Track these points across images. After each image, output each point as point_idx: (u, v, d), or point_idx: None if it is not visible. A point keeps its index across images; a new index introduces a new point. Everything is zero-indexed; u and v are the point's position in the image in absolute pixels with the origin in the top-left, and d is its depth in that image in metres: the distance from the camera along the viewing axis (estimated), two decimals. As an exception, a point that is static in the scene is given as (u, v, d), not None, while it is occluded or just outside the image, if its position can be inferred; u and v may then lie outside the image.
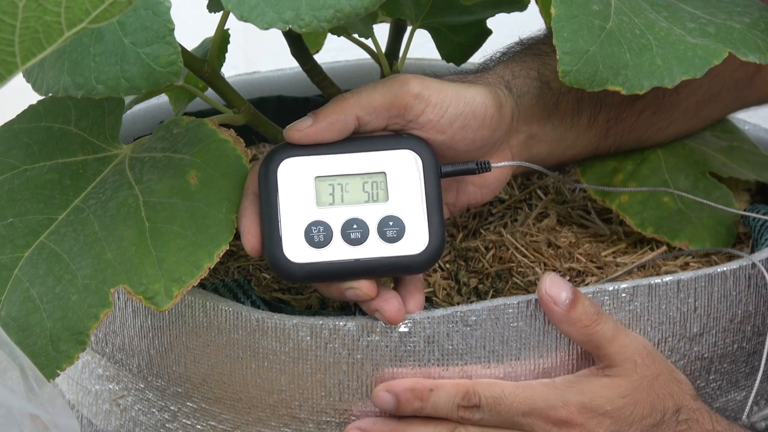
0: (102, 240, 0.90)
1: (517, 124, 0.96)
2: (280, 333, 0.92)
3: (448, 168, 0.92)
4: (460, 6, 1.06)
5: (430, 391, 0.90)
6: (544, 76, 0.97)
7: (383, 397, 0.90)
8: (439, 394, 0.90)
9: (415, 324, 0.91)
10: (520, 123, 0.96)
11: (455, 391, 0.90)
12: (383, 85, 0.91)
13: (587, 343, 0.91)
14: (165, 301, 0.88)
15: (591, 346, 0.91)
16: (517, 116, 0.96)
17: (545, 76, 0.97)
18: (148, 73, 0.87)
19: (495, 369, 0.92)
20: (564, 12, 0.90)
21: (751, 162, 1.11)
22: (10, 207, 0.93)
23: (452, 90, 0.92)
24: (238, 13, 0.85)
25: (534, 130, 0.98)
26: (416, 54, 1.21)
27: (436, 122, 0.92)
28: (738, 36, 0.94)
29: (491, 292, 1.01)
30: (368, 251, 0.89)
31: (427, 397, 0.90)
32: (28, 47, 0.77)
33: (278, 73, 1.27)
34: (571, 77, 0.90)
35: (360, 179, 0.90)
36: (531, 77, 0.97)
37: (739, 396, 1.00)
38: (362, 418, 0.92)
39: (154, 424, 1.00)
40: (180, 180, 0.91)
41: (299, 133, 0.90)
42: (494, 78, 0.96)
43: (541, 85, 0.97)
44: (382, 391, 0.90)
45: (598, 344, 0.91)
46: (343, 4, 0.84)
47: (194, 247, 0.89)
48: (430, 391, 0.90)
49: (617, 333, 0.91)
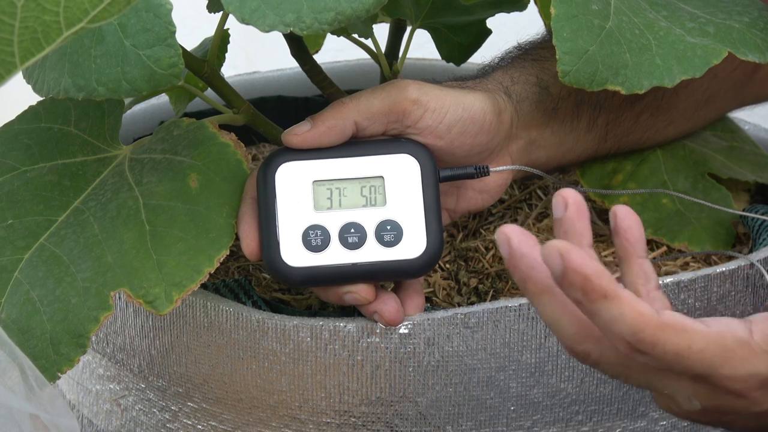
0: (102, 242, 0.90)
1: (516, 130, 0.96)
2: (280, 334, 0.92)
3: (446, 172, 0.92)
4: (460, 6, 1.05)
5: (604, 298, 0.71)
6: (543, 82, 0.97)
7: (554, 258, 0.71)
8: (610, 309, 0.71)
9: (415, 326, 0.91)
10: (519, 129, 0.96)
11: (631, 321, 0.71)
12: (382, 91, 0.91)
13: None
14: (165, 306, 0.88)
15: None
16: (516, 122, 0.96)
17: (544, 82, 0.97)
18: (149, 75, 0.87)
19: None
20: (564, 12, 0.90)
21: (751, 162, 1.11)
22: (10, 208, 0.93)
23: (451, 96, 0.92)
24: (239, 15, 0.85)
25: (533, 136, 0.98)
26: (416, 54, 1.21)
27: (434, 128, 0.92)
28: (737, 35, 0.93)
29: (491, 292, 1.01)
30: (366, 255, 0.89)
31: (595, 300, 0.71)
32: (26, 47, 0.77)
33: (278, 73, 1.27)
34: (571, 77, 0.90)
35: (358, 183, 0.90)
36: (530, 83, 0.97)
37: (739, 395, 1.01)
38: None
39: (154, 424, 1.00)
40: (180, 183, 0.91)
41: (297, 137, 0.90)
42: (493, 84, 0.96)
43: (540, 90, 0.97)
44: (556, 253, 0.71)
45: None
46: (344, 6, 0.84)
47: (194, 251, 0.89)
48: (604, 297, 0.71)
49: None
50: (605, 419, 0.96)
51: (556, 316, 0.74)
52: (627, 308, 0.71)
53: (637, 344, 0.71)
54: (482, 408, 0.94)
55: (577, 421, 0.96)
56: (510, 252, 0.72)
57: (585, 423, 0.96)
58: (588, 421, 0.96)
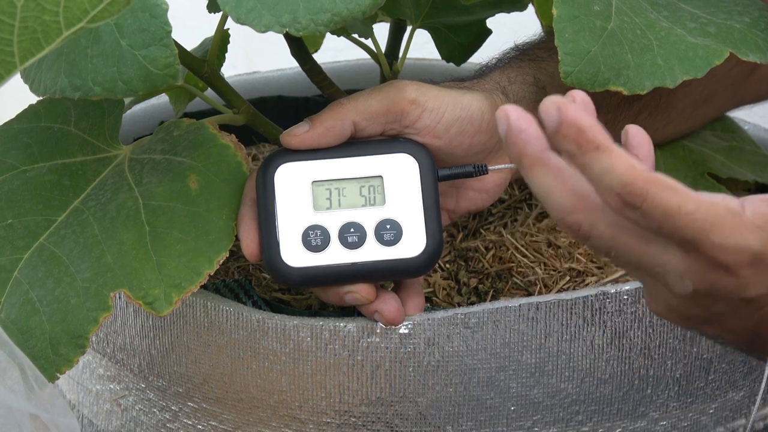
0: (102, 243, 0.90)
1: None
2: (280, 334, 0.92)
3: (445, 171, 0.92)
4: (460, 6, 1.05)
5: (596, 149, 0.71)
6: (540, 82, 0.97)
7: (550, 112, 0.71)
8: (602, 161, 0.71)
9: (416, 326, 0.91)
10: None
11: (622, 172, 0.71)
12: (380, 91, 0.91)
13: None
14: (164, 307, 0.88)
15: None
16: None
17: (541, 81, 0.97)
18: (145, 76, 0.87)
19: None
20: (565, 13, 0.90)
21: (751, 162, 1.11)
22: (10, 208, 0.93)
23: (449, 96, 0.92)
24: (235, 15, 0.85)
25: None
26: (416, 54, 1.21)
27: (432, 128, 0.92)
28: (738, 36, 0.93)
29: (491, 292, 1.01)
30: (365, 255, 0.89)
31: (587, 152, 0.71)
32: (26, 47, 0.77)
33: (278, 73, 1.27)
34: (573, 78, 0.90)
35: (357, 183, 0.90)
36: (527, 83, 0.97)
37: (737, 396, 1.00)
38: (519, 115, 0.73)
39: (155, 424, 1.00)
40: (180, 184, 0.91)
41: (296, 138, 0.90)
42: (490, 84, 0.96)
43: (537, 90, 0.97)
44: (553, 107, 0.71)
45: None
46: (340, 7, 0.84)
47: (194, 253, 0.89)
48: (597, 149, 0.71)
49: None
50: (605, 419, 0.96)
51: (548, 188, 0.73)
52: (618, 160, 0.71)
53: (626, 196, 0.71)
54: (482, 408, 0.94)
55: (577, 421, 0.96)
56: (508, 127, 0.72)
57: (585, 423, 0.96)
58: (588, 421, 0.96)
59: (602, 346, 0.94)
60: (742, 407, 1.01)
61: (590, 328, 0.93)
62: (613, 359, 0.94)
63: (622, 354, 0.94)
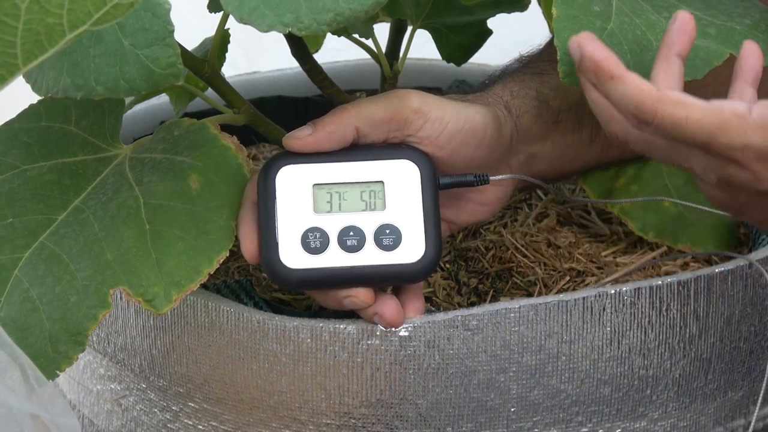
0: (102, 241, 0.90)
1: (516, 145, 0.96)
2: (281, 335, 0.92)
3: (446, 179, 0.92)
4: (460, 6, 1.06)
5: (611, 79, 0.82)
6: (542, 95, 0.97)
7: (574, 49, 0.84)
8: (617, 88, 0.82)
9: (416, 328, 0.91)
10: (519, 143, 0.96)
11: (633, 94, 0.81)
12: (384, 99, 0.91)
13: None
14: (164, 305, 0.88)
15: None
16: (516, 137, 0.95)
17: (544, 95, 0.97)
18: (147, 75, 0.87)
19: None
20: (565, 13, 0.90)
21: None
22: (10, 207, 0.93)
23: (452, 107, 0.92)
24: (238, 15, 0.85)
25: (534, 150, 0.97)
26: (416, 54, 1.21)
27: (435, 137, 0.91)
28: (739, 37, 0.93)
29: (491, 292, 1.01)
30: (364, 259, 0.89)
31: (605, 81, 0.83)
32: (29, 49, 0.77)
33: (278, 73, 1.27)
34: (572, 78, 0.90)
35: (358, 188, 0.90)
36: (529, 96, 0.97)
37: (737, 396, 1.01)
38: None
39: (155, 425, 1.00)
40: (181, 183, 0.91)
41: (298, 141, 0.90)
42: (493, 98, 0.96)
43: (539, 104, 0.96)
44: (575, 45, 0.84)
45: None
46: (342, 7, 0.84)
47: (194, 251, 0.89)
48: (611, 78, 0.82)
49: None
50: (605, 420, 0.96)
51: (594, 104, 0.85)
52: (630, 86, 0.81)
53: (639, 115, 0.81)
54: (483, 410, 0.94)
55: (577, 422, 0.96)
56: (582, 56, 0.83)
57: (585, 424, 0.96)
58: (588, 422, 0.96)
59: (602, 347, 0.94)
60: (741, 407, 1.01)
61: (590, 329, 0.93)
62: (613, 360, 0.95)
63: (622, 354, 0.95)
